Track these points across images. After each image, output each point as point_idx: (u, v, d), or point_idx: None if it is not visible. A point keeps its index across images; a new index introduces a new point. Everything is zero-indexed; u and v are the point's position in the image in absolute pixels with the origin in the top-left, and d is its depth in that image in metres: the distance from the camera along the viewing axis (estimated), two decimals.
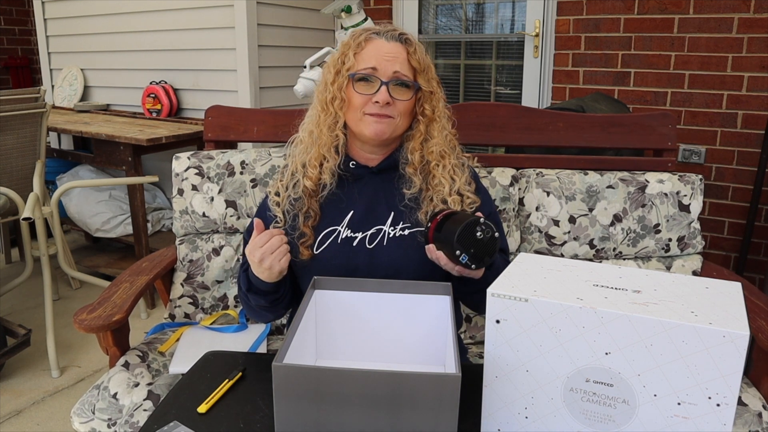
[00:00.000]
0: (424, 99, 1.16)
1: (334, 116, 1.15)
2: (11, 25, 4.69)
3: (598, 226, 1.55)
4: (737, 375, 0.64)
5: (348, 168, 1.19)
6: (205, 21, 2.83)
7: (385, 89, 1.11)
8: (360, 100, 1.13)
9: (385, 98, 1.10)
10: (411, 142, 1.18)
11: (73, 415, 1.27)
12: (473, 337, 1.58)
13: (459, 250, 0.96)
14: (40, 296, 2.69)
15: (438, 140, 1.17)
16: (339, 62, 1.15)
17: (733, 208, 2.70)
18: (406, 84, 1.13)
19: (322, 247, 1.15)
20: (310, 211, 1.16)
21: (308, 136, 1.19)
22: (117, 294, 1.40)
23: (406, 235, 1.14)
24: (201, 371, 0.99)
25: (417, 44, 1.16)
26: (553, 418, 0.75)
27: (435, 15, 3.34)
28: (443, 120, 1.19)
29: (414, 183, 1.16)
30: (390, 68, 1.11)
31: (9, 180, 2.37)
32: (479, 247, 0.97)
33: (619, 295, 0.72)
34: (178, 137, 2.61)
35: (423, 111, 1.17)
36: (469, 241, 0.96)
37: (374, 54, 1.12)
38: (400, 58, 1.13)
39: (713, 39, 2.57)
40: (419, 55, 1.15)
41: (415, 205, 1.16)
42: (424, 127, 1.17)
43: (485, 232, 0.96)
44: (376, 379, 0.73)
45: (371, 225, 1.15)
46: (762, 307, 1.33)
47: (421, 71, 1.15)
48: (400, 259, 1.12)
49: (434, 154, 1.16)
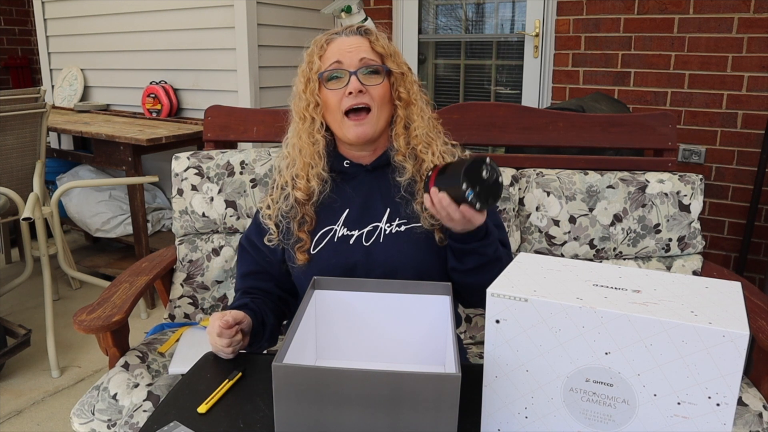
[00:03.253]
0: (397, 83, 1.16)
1: (312, 121, 1.15)
2: (11, 25, 4.69)
3: (598, 226, 1.55)
4: (737, 375, 0.64)
5: (342, 167, 1.19)
6: (205, 21, 2.83)
7: (355, 78, 1.11)
8: (334, 98, 1.12)
9: (357, 86, 1.10)
10: (394, 128, 1.17)
11: (73, 416, 1.27)
12: (473, 337, 1.58)
13: (466, 183, 0.93)
14: (40, 296, 2.69)
15: (419, 123, 1.16)
16: (306, 69, 1.15)
17: (733, 208, 2.70)
18: (375, 70, 1.13)
19: (319, 247, 1.15)
20: (306, 217, 1.16)
21: (292, 149, 1.18)
22: (117, 294, 1.40)
23: (402, 231, 1.14)
24: (201, 371, 0.99)
25: (378, 34, 1.16)
26: (553, 418, 0.75)
27: (435, 15, 3.34)
28: (421, 103, 1.18)
29: (406, 169, 1.15)
30: (355, 58, 1.12)
31: (9, 180, 2.37)
32: (484, 187, 0.95)
33: (618, 295, 0.72)
34: (178, 137, 2.61)
35: (399, 95, 1.16)
36: (476, 178, 0.94)
37: (336, 50, 1.13)
38: (363, 47, 1.14)
39: (713, 39, 2.57)
40: (382, 42, 1.15)
41: (410, 196, 1.15)
42: (403, 111, 1.16)
43: (490, 172, 0.95)
44: (376, 379, 0.73)
45: (367, 222, 1.15)
46: (762, 307, 1.33)
47: (387, 56, 1.15)
48: (396, 255, 1.12)
49: (419, 138, 1.16)
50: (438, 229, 1.13)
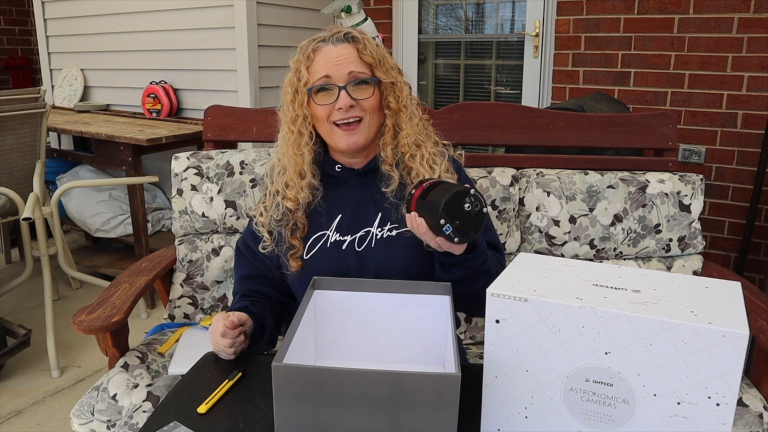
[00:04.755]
0: (386, 92, 1.14)
1: (299, 135, 1.14)
2: (11, 25, 4.69)
3: (598, 226, 1.55)
4: (737, 374, 0.64)
5: (334, 171, 1.19)
6: (205, 21, 2.83)
7: (345, 93, 1.09)
8: (323, 111, 1.12)
9: (347, 102, 1.09)
10: (383, 137, 1.16)
11: (73, 416, 1.27)
12: (473, 337, 1.58)
13: (444, 219, 0.91)
14: (40, 296, 2.69)
15: (408, 131, 1.15)
16: (294, 80, 1.14)
17: (733, 208, 2.70)
18: (364, 81, 1.12)
19: (312, 252, 1.15)
20: (297, 223, 1.16)
21: (282, 157, 1.18)
22: (116, 295, 1.40)
23: (393, 236, 1.14)
24: (201, 372, 0.99)
25: (366, 39, 1.14)
26: (553, 418, 0.75)
27: (435, 15, 3.34)
28: (411, 108, 1.17)
29: (392, 179, 1.15)
30: (343, 71, 1.10)
31: (9, 180, 2.37)
32: (465, 220, 0.92)
33: (618, 295, 0.72)
34: (178, 137, 2.61)
35: (388, 104, 1.15)
36: (456, 211, 0.91)
37: (324, 62, 1.11)
38: (351, 58, 1.11)
39: (713, 39, 2.57)
40: (370, 50, 1.13)
41: (399, 201, 1.15)
42: (392, 121, 1.15)
43: (474, 204, 0.92)
44: (376, 379, 0.73)
45: (359, 227, 1.15)
46: (762, 307, 1.33)
47: (376, 65, 1.13)
48: (388, 259, 1.12)
49: (407, 146, 1.15)
50: None
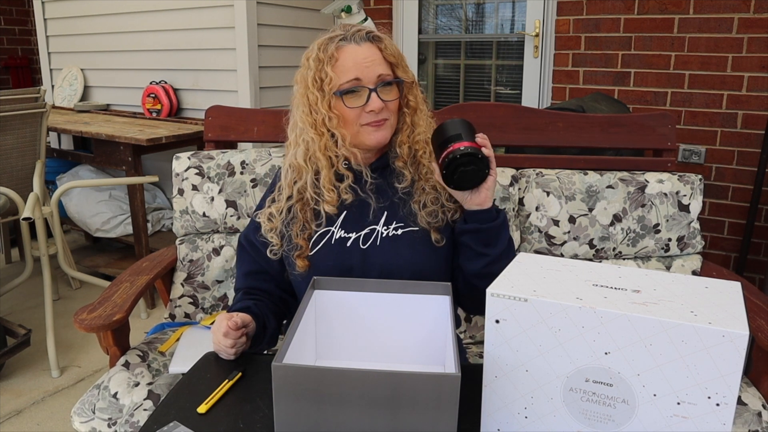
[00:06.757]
0: (407, 90, 1.16)
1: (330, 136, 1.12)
2: (11, 25, 4.69)
3: (597, 226, 1.55)
4: (737, 374, 0.64)
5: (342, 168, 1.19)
6: (205, 21, 2.83)
7: (376, 96, 1.09)
8: (353, 114, 1.11)
9: (380, 105, 1.09)
10: (399, 135, 1.16)
11: (74, 414, 1.27)
12: (473, 337, 1.58)
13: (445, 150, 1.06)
14: (40, 296, 2.69)
15: (423, 128, 1.16)
16: (317, 79, 1.11)
17: (733, 208, 2.70)
18: (390, 83, 1.12)
19: (316, 249, 1.14)
20: (306, 224, 1.16)
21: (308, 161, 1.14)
22: (117, 294, 1.40)
23: (399, 234, 1.14)
24: (201, 371, 0.99)
25: (385, 38, 1.14)
26: (553, 418, 0.75)
27: (435, 15, 3.34)
28: (423, 106, 1.19)
29: (405, 176, 1.15)
30: (372, 74, 1.09)
31: (9, 180, 2.37)
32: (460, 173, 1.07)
33: (618, 295, 0.72)
34: (178, 137, 2.61)
35: (407, 103, 1.16)
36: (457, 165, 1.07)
37: (352, 64, 1.09)
38: (377, 59, 1.11)
39: (713, 39, 2.57)
40: (391, 49, 1.13)
41: (408, 197, 1.16)
42: (410, 119, 1.16)
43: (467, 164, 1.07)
44: (376, 379, 0.73)
45: (365, 225, 1.15)
46: (762, 307, 1.33)
47: (397, 64, 1.13)
48: (393, 258, 1.12)
49: (420, 143, 1.16)
50: (435, 229, 1.14)
